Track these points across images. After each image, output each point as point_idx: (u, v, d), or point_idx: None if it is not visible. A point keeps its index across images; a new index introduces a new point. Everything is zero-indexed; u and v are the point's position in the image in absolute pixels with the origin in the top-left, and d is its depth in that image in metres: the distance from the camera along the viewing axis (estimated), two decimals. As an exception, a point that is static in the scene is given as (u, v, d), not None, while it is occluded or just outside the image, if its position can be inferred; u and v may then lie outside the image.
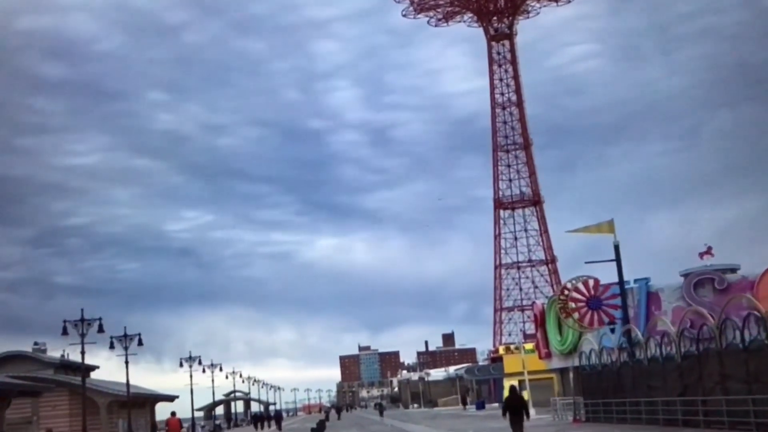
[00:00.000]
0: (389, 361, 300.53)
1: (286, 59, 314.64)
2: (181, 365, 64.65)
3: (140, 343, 45.41)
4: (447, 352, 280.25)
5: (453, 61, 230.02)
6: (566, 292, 33.28)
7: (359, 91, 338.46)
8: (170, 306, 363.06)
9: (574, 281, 33.55)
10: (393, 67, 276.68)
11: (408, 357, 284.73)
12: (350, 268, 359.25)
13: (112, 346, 43.86)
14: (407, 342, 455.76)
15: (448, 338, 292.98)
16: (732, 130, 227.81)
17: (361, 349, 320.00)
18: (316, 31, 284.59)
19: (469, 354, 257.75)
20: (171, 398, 62.22)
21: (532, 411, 32.78)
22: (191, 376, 64.70)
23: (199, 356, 66.47)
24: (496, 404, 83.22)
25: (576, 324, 33.74)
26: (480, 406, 76.29)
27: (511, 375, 69.13)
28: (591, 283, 33.23)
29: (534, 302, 53.77)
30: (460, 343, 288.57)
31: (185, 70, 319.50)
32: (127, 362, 44.13)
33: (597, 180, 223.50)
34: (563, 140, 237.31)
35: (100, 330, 38.97)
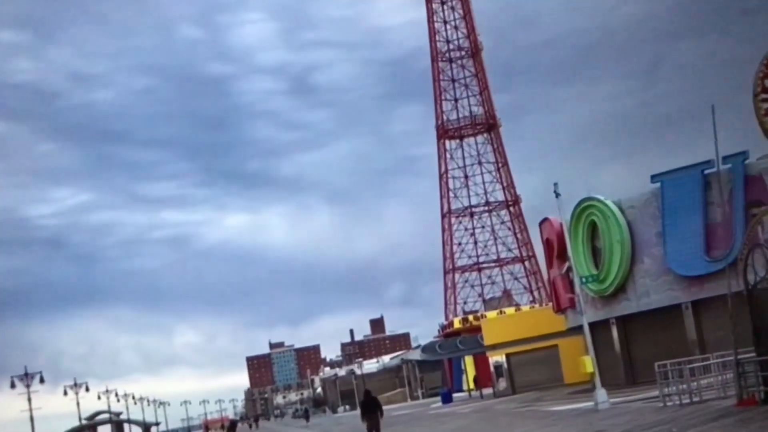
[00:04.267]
0: (308, 357, 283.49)
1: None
2: (13, 386, 56.98)
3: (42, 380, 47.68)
4: (377, 341, 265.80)
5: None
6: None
7: (274, 25, 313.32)
8: (38, 313, 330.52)
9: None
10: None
11: (330, 351, 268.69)
12: (264, 251, 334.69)
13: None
14: (330, 334, 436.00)
15: (377, 324, 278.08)
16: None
17: (272, 346, 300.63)
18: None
19: (402, 340, 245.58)
20: None
21: (601, 393, 25.71)
22: (30, 400, 56.87)
23: (40, 372, 58.77)
24: (464, 393, 68.12)
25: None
26: (446, 397, 60.36)
27: (496, 347, 53.55)
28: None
29: (546, 219, 37.29)
30: (390, 330, 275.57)
31: (47, 0, 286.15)
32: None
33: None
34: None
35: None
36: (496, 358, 54.58)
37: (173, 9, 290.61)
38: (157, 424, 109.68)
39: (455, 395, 67.35)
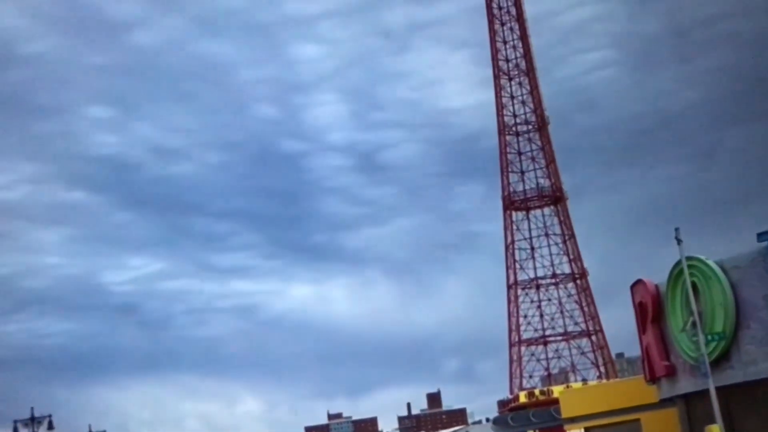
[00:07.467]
0: (365, 429, 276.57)
1: (258, 66, 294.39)
2: (65, 444, 55.65)
3: (50, 426, 42.31)
4: (433, 416, 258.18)
5: (454, 71, 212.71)
6: None
7: (345, 106, 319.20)
8: (108, 376, 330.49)
9: None
10: (385, 77, 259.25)
11: (387, 424, 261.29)
12: (327, 322, 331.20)
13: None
14: (387, 406, 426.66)
15: (434, 399, 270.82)
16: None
17: (330, 417, 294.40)
18: (296, 32, 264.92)
19: (458, 416, 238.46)
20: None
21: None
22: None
23: (104, 431, 55.61)
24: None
25: None
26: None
27: (575, 420, 49.41)
28: None
29: (639, 281, 34.21)
30: (446, 405, 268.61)
31: (134, 79, 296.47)
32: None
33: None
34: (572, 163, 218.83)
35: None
36: None
37: (252, 89, 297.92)
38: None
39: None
